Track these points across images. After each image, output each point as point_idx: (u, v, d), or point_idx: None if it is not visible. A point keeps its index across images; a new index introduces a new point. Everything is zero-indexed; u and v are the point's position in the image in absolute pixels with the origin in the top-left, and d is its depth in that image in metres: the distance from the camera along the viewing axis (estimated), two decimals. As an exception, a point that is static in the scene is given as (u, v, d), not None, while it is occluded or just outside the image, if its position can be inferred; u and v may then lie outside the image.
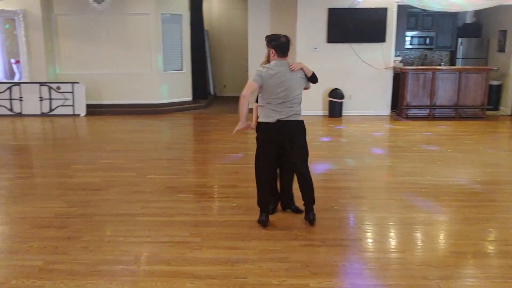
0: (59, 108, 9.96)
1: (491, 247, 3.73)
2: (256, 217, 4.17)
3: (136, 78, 10.30)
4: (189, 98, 10.93)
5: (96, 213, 4.40)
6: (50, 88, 9.91)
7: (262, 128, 4.03)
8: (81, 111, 9.97)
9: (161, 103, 10.38)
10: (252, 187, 5.15)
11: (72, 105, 9.97)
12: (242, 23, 11.87)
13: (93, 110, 10.06)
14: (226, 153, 6.74)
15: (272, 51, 3.92)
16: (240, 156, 6.62)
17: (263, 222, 4.02)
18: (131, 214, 4.38)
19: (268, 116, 3.94)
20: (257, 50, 10.58)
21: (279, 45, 3.89)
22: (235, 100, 12.08)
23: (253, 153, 4.13)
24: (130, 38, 10.20)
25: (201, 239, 3.81)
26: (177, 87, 10.68)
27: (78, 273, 3.27)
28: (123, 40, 10.20)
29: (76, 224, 4.13)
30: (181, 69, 10.74)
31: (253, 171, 4.09)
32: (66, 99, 9.94)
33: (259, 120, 4.03)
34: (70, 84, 9.91)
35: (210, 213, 4.41)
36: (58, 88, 9.89)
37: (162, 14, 10.16)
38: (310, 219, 4.05)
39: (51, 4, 10.13)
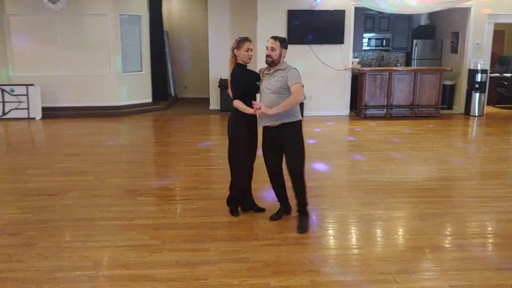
0: (13, 111, 9.62)
1: (445, 241, 3.86)
2: (217, 218, 4.17)
3: (94, 80, 10.08)
4: (149, 100, 10.79)
5: (52, 219, 4.28)
6: (3, 90, 9.56)
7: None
8: (37, 114, 9.66)
9: (120, 105, 10.20)
10: (212, 189, 5.16)
11: (27, 108, 9.65)
12: (203, 24, 11.84)
13: (50, 113, 9.77)
14: (187, 155, 6.69)
15: (284, 51, 4.00)
16: (200, 158, 6.58)
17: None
18: (89, 218, 4.29)
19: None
20: (217, 51, 10.59)
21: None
22: (196, 101, 12.17)
23: (214, 154, 4.12)
24: (88, 39, 9.98)
25: (161, 242, 3.77)
26: (136, 88, 10.53)
27: (33, 281, 3.17)
28: (80, 41, 9.96)
29: (31, 231, 4.00)
30: (141, 71, 10.60)
31: (214, 172, 4.08)
32: (20, 102, 9.61)
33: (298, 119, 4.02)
34: (25, 87, 9.59)
35: (170, 216, 4.37)
36: (12, 90, 9.55)
37: (120, 15, 9.99)
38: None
39: (3, 3, 9.78)
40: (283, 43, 3.97)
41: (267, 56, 3.96)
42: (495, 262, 3.46)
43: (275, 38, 3.97)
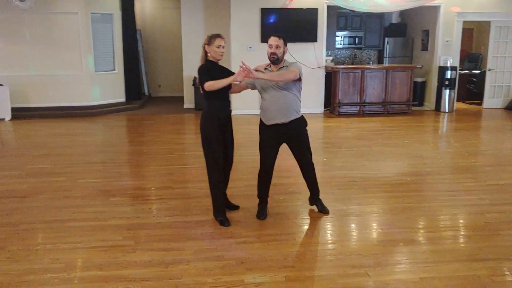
0: (-19, 112, 9.39)
1: (416, 235, 3.94)
2: (192, 217, 4.17)
3: (66, 79, 9.90)
4: (123, 99, 10.67)
5: (22, 221, 4.19)
6: (-30, 91, 9.31)
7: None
8: (6, 115, 9.44)
9: (93, 105, 10.05)
10: (187, 188, 5.15)
11: (-4, 109, 9.43)
12: (176, 23, 11.77)
13: (20, 113, 9.56)
14: (161, 154, 6.65)
15: (286, 49, 4.05)
16: (175, 157, 6.55)
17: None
18: (61, 220, 4.22)
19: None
20: (191, 49, 10.54)
21: None
22: (170, 100, 12.10)
23: (188, 153, 4.11)
24: (58, 38, 9.79)
25: (135, 242, 3.74)
26: (109, 88, 10.39)
27: (3, 284, 3.10)
28: (50, 40, 9.76)
29: (1, 234, 3.91)
30: (114, 70, 10.47)
31: (188, 171, 4.07)
32: (-12, 102, 9.38)
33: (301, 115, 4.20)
34: (-7, 87, 9.37)
35: (144, 216, 4.34)
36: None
37: (91, 13, 9.84)
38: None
39: (-31, 2, 9.52)
40: (286, 40, 4.03)
41: (272, 54, 3.99)
42: (465, 254, 3.55)
43: (278, 36, 4.00)
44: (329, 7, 9.87)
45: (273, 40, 3.98)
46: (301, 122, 4.21)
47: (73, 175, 5.61)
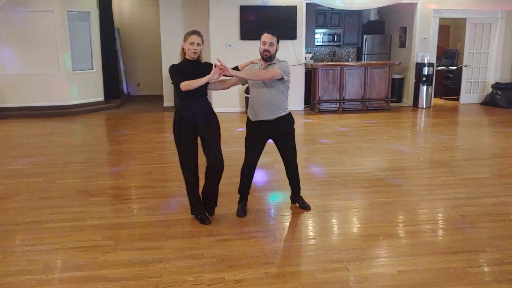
0: (-46, 113, 9.17)
1: (394, 229, 4.00)
2: (172, 216, 4.17)
3: (43, 78, 9.73)
4: (101, 98, 10.54)
5: (-1, 223, 4.13)
6: None
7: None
8: (-19, 115, 9.25)
9: (71, 104, 9.90)
10: (166, 187, 5.13)
11: (-30, 110, 9.22)
12: (155, 21, 11.67)
13: (-5, 114, 9.38)
14: (140, 153, 6.60)
15: (278, 46, 4.05)
16: (154, 156, 6.50)
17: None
18: (38, 221, 4.16)
19: None
20: (170, 47, 10.47)
21: None
22: (150, 98, 12.01)
23: (168, 152, 4.09)
24: (34, 37, 9.60)
25: (114, 242, 3.71)
26: (87, 87, 10.25)
27: (-22, 287, 3.06)
28: (26, 39, 9.56)
29: (-24, 236, 3.85)
30: (92, 69, 10.32)
31: (168, 170, 4.05)
32: (-38, 103, 9.18)
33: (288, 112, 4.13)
34: (-33, 87, 9.16)
35: (123, 215, 4.30)
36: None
37: (68, 11, 9.67)
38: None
39: None
40: (278, 37, 4.03)
41: (266, 51, 3.97)
42: (441, 247, 3.62)
43: (272, 33, 3.99)
44: (308, 4, 9.91)
45: (267, 37, 3.95)
46: (287, 120, 4.14)
47: (51, 176, 5.53)
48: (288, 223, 4.15)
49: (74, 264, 3.37)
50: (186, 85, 3.73)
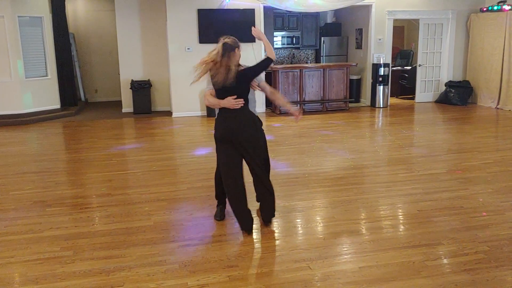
0: None
1: (355, 226, 4.07)
2: (133, 223, 4.09)
3: (-7, 87, 9.37)
4: (57, 106, 10.24)
5: (-52, 239, 3.94)
6: None
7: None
8: None
9: (25, 113, 9.56)
10: (127, 194, 5.03)
11: None
12: (111, 25, 11.46)
13: None
14: (99, 161, 6.45)
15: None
16: (113, 163, 6.37)
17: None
18: (-8, 235, 4.00)
19: None
20: (128, 52, 10.33)
21: None
22: (108, 105, 11.78)
23: (127, 159, 4.02)
24: (-17, 43, 9.24)
25: (74, 252, 3.61)
26: (42, 94, 9.93)
27: None
28: (-26, 46, 9.20)
29: None
30: (46, 75, 10.01)
31: (128, 177, 3.98)
32: None
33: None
34: None
35: (82, 225, 4.19)
36: None
37: (19, 16, 9.35)
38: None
39: None
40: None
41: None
42: (400, 242, 3.71)
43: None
44: (265, 7, 9.98)
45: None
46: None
47: (5, 187, 5.33)
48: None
49: (31, 277, 3.25)
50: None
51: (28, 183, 5.52)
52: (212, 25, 9.61)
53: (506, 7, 9.88)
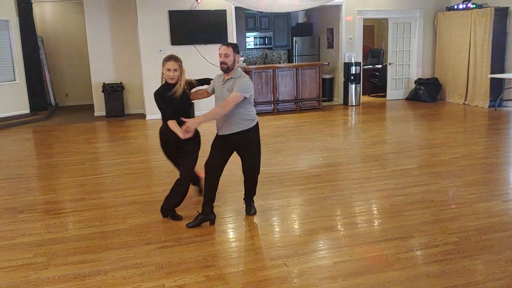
0: None
1: (330, 222, 4.14)
2: (108, 227, 4.06)
3: (-41, 92, 9.12)
4: (27, 111, 10.03)
5: None
6: None
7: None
8: None
9: (-7, 119, 9.35)
10: (101, 198, 4.98)
11: None
12: (80, 28, 11.29)
13: None
14: (71, 166, 6.36)
15: (238, 57, 4.00)
16: (86, 168, 6.29)
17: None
18: (-39, 244, 3.90)
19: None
20: (98, 54, 10.20)
21: None
22: (80, 108, 11.61)
23: (100, 162, 3.98)
24: None
25: (47, 258, 3.56)
26: (10, 99, 9.71)
27: None
28: None
29: None
30: (14, 80, 9.79)
31: (101, 181, 3.95)
32: None
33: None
34: None
35: (56, 230, 4.13)
36: None
37: (-16, 20, 9.15)
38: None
39: None
40: (236, 48, 3.99)
41: (222, 63, 3.94)
42: (374, 236, 3.80)
43: (227, 44, 3.98)
44: (237, 8, 10.00)
45: (222, 49, 3.94)
46: (251, 132, 4.07)
47: (-26, 195, 5.20)
48: (227, 225, 4.16)
49: (3, 285, 3.19)
50: (170, 125, 3.99)
51: (-2, 190, 5.40)
52: (184, 27, 9.58)
53: (471, 5, 10.17)
